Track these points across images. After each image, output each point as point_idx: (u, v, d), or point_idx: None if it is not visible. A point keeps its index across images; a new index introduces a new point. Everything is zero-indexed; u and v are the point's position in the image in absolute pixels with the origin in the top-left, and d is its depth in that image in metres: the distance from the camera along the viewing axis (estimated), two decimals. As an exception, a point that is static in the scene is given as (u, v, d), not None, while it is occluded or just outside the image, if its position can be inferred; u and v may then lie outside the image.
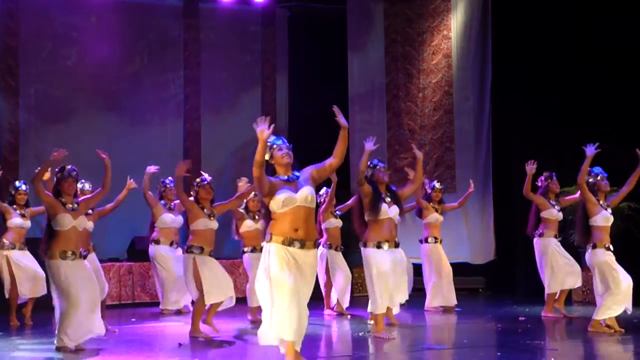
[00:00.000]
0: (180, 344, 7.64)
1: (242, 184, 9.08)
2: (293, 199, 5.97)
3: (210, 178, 8.49)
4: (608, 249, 8.28)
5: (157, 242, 10.33)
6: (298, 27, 14.72)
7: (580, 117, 12.00)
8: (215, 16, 14.36)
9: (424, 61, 13.72)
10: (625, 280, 8.20)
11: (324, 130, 13.95)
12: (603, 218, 8.31)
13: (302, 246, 5.86)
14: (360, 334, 8.33)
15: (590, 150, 8.40)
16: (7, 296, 9.30)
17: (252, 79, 14.67)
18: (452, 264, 10.73)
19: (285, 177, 6.22)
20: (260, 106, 14.65)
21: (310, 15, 14.56)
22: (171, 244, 10.36)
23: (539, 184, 9.89)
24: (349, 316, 9.84)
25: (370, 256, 7.96)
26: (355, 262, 11.31)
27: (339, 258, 10.09)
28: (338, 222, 10.11)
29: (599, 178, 8.76)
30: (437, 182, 10.82)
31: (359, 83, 13.92)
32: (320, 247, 9.94)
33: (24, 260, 9.29)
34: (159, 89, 14.00)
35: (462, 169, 13.38)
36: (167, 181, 10.55)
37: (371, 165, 8.26)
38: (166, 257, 10.31)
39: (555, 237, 9.78)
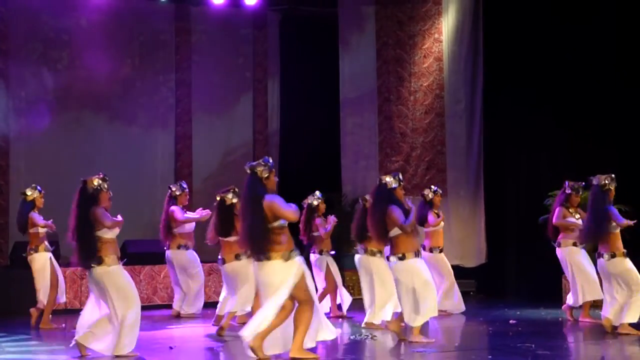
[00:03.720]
0: (171, 347, 7.63)
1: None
2: None
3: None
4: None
5: (186, 247, 10.24)
6: (289, 30, 14.72)
7: (572, 120, 12.04)
8: (206, 19, 14.33)
9: (415, 64, 13.73)
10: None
11: (315, 133, 14.10)
12: None
13: None
14: (353, 337, 8.34)
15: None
16: (41, 299, 9.26)
17: (243, 82, 14.66)
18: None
19: None
20: (252, 109, 14.64)
21: (301, 18, 14.56)
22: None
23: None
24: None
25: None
26: (347, 266, 11.38)
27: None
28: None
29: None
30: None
31: (350, 86, 13.92)
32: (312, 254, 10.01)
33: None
34: (150, 92, 13.97)
35: (453, 172, 13.39)
36: (184, 185, 10.50)
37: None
38: (197, 262, 10.29)
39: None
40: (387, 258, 8.08)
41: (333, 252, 10.19)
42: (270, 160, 6.75)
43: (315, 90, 14.08)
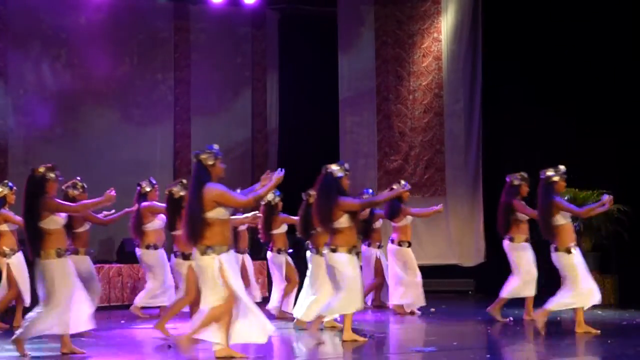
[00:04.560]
0: (169, 346, 7.62)
1: None
2: None
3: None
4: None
5: (155, 247, 10.14)
6: (288, 29, 14.71)
7: (571, 119, 12.04)
8: (205, 18, 14.33)
9: (414, 63, 13.74)
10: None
11: (314, 132, 14.09)
12: None
13: None
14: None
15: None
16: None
17: (242, 81, 14.65)
18: (442, 266, 10.77)
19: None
20: (251, 108, 14.64)
21: (300, 17, 14.56)
22: None
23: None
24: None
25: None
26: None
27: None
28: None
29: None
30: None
31: (349, 85, 13.92)
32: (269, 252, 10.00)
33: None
34: (149, 90, 13.96)
35: (452, 172, 13.40)
36: (154, 181, 10.43)
37: None
38: (163, 264, 10.24)
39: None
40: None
41: (291, 250, 10.21)
42: (216, 147, 6.80)
43: (314, 89, 14.07)
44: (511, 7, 12.69)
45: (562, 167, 8.59)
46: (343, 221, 7.78)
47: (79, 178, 8.83)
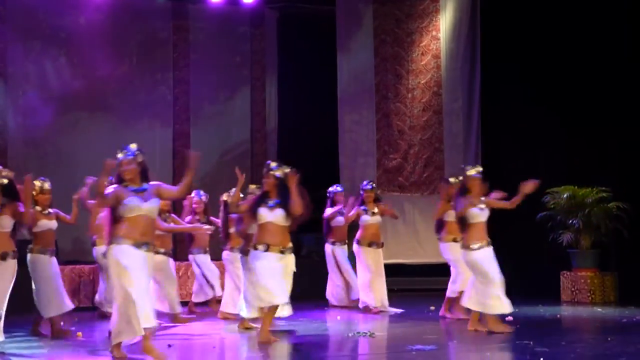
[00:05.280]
0: (169, 345, 7.63)
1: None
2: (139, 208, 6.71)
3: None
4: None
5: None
6: (287, 27, 14.71)
7: (570, 117, 12.04)
8: (204, 17, 14.33)
9: (413, 62, 13.74)
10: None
11: (313, 130, 14.09)
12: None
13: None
14: (350, 334, 8.35)
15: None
16: None
17: (241, 80, 14.65)
18: (441, 265, 10.76)
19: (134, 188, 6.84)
20: (250, 107, 14.64)
21: (299, 16, 14.56)
22: None
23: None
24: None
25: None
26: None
27: None
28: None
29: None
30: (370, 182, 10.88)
31: (348, 84, 13.92)
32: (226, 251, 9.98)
33: None
34: (148, 90, 13.96)
35: (451, 170, 13.37)
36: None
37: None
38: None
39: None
40: None
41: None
42: (131, 148, 6.91)
43: (313, 87, 14.07)
44: (510, 5, 12.69)
45: (470, 169, 8.71)
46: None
47: (42, 178, 8.78)
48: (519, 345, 7.41)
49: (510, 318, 9.41)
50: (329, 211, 11.09)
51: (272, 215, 7.86)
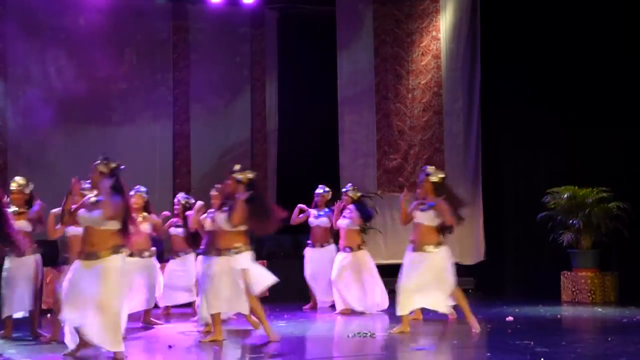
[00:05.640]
0: (170, 346, 7.63)
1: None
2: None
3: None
4: None
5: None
6: (287, 28, 14.71)
7: (570, 117, 12.04)
8: (204, 18, 14.33)
9: (413, 62, 13.74)
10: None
11: (314, 131, 14.09)
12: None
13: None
14: (350, 335, 8.35)
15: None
16: None
17: (241, 81, 14.65)
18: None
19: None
20: (250, 107, 14.64)
21: (299, 16, 14.56)
22: None
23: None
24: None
25: None
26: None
27: None
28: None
29: None
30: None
31: (348, 84, 13.91)
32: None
33: None
34: (148, 90, 13.95)
35: (451, 170, 13.37)
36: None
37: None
38: None
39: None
40: None
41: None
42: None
43: (313, 88, 14.07)
44: (510, 5, 12.68)
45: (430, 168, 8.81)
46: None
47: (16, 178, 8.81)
48: (519, 345, 7.41)
49: (510, 318, 9.42)
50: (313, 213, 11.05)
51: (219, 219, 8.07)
